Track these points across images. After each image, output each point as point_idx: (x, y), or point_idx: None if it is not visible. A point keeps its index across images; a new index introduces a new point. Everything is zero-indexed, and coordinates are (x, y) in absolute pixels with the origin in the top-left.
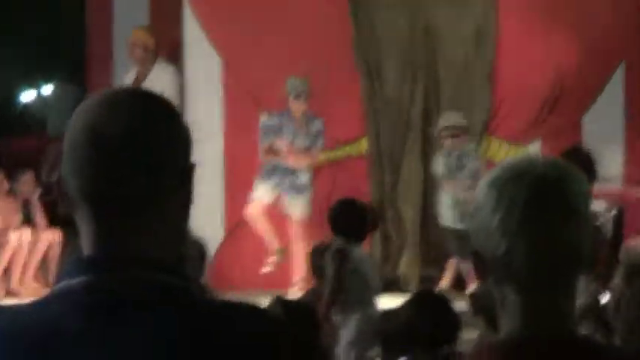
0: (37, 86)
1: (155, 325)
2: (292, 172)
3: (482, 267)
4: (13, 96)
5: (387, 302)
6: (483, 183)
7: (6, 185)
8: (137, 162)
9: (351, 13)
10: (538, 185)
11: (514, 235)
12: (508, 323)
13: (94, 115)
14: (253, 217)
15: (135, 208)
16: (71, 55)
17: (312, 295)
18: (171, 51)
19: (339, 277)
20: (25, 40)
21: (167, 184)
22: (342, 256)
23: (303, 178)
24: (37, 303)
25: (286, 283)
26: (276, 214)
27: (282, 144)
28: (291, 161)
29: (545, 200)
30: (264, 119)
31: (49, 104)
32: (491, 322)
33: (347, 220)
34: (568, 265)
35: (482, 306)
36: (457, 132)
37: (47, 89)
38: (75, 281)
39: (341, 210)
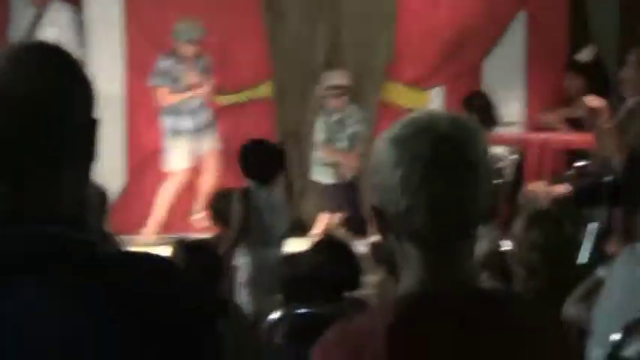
0: None
1: (51, 284)
2: (201, 104)
3: (382, 223)
4: None
5: (290, 246)
6: (383, 139)
7: None
8: (38, 119)
9: None
10: (439, 142)
11: (415, 192)
12: (409, 277)
13: None
14: (167, 190)
15: (35, 165)
16: None
17: (216, 241)
18: None
19: (244, 218)
20: None
21: (69, 140)
22: (246, 197)
23: (208, 114)
24: None
25: (188, 226)
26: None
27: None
28: (195, 92)
29: (446, 157)
30: (159, 61)
31: None
32: (393, 271)
33: (257, 160)
34: (468, 220)
35: (383, 255)
36: (340, 92)
37: None
38: None
39: (251, 150)
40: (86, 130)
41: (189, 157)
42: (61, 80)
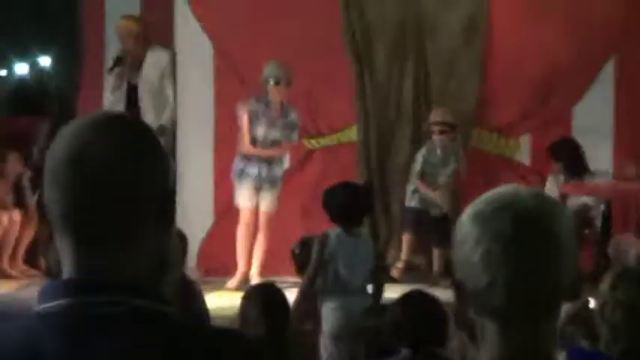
0: (31, 62)
1: (129, 348)
2: (270, 162)
3: (463, 297)
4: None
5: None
6: (466, 215)
7: None
8: (117, 189)
9: (342, 2)
10: (521, 220)
11: (496, 270)
12: (488, 352)
13: (76, 142)
14: (243, 227)
15: (114, 234)
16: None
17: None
18: (163, 35)
19: (318, 264)
20: (18, 16)
21: (146, 210)
22: (323, 242)
23: (279, 170)
24: (17, 325)
25: (276, 269)
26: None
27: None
28: (275, 151)
29: (529, 235)
30: (250, 101)
31: (43, 83)
32: (474, 338)
33: (342, 202)
34: (549, 299)
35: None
36: (445, 128)
37: (44, 61)
38: (54, 304)
39: (336, 192)
40: (161, 200)
41: (253, 198)
42: (139, 152)
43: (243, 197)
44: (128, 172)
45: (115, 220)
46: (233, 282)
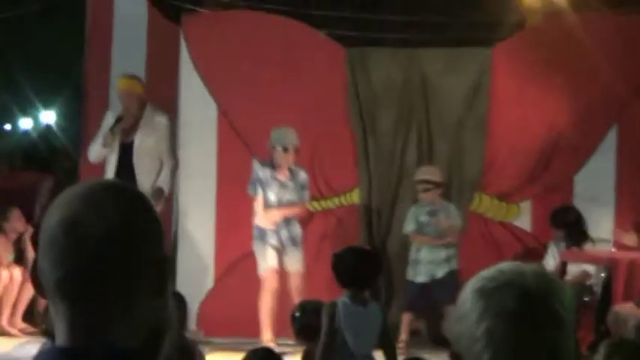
0: (35, 117)
1: None
2: (288, 222)
3: None
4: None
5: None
6: (470, 289)
7: None
8: (112, 257)
9: (348, 65)
10: (526, 298)
11: (499, 346)
12: None
13: (73, 209)
14: (269, 295)
15: (108, 302)
16: (69, 88)
17: (304, 357)
18: (167, 99)
19: (331, 334)
20: (23, 71)
21: (141, 278)
22: (334, 311)
23: (297, 229)
24: None
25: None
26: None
27: (275, 215)
28: (283, 215)
29: (532, 312)
30: (256, 168)
31: (47, 139)
32: None
33: (351, 267)
34: None
35: None
36: (428, 186)
37: (48, 117)
38: None
39: (345, 257)
40: (157, 266)
41: (277, 262)
42: (134, 221)
43: (267, 262)
44: (123, 241)
45: (110, 288)
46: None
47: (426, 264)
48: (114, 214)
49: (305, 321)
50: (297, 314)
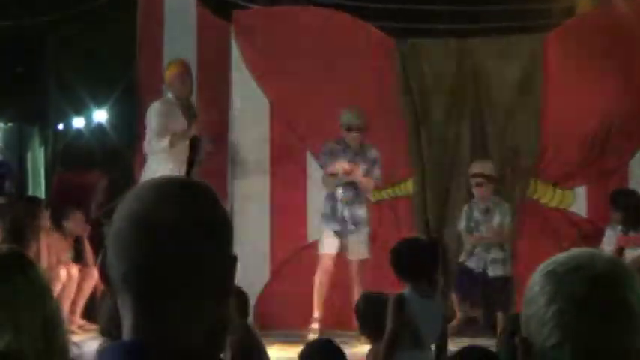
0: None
1: None
2: (350, 203)
3: (528, 354)
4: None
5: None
6: (538, 274)
7: (47, 223)
8: (181, 252)
9: (399, 56)
10: (596, 283)
11: (566, 330)
12: None
13: (142, 203)
14: (323, 274)
15: (175, 298)
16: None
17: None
18: (218, 94)
19: (397, 329)
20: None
21: (208, 276)
22: (401, 305)
23: (361, 211)
24: None
25: (335, 324)
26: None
27: (343, 163)
28: (356, 175)
29: (602, 299)
30: (327, 143)
31: (100, 138)
32: None
33: (411, 259)
34: None
35: None
36: (480, 180)
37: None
38: None
39: (404, 249)
40: (224, 265)
41: (337, 245)
42: (204, 218)
43: (328, 243)
44: (193, 237)
45: (177, 284)
46: (314, 332)
47: (481, 255)
48: (181, 209)
49: (369, 312)
50: (361, 305)
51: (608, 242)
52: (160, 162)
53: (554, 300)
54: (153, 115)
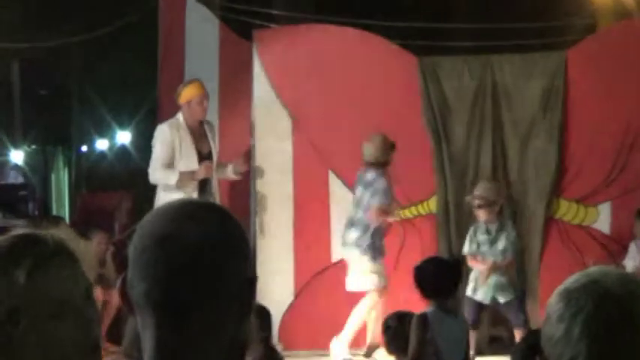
0: (111, 138)
1: None
2: (377, 234)
3: None
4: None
5: None
6: (556, 291)
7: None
8: (203, 272)
9: (420, 74)
10: (603, 298)
11: (576, 346)
12: None
13: (165, 222)
14: (375, 304)
15: (197, 318)
16: (144, 108)
17: None
18: (240, 114)
19: (420, 348)
20: (98, 93)
21: (229, 296)
22: (425, 324)
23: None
24: None
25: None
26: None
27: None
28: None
29: (610, 315)
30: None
31: (123, 159)
32: None
33: (434, 278)
34: None
35: None
36: (480, 202)
37: (124, 137)
38: None
39: (427, 269)
40: (245, 285)
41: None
42: (225, 239)
43: (381, 282)
44: (214, 257)
45: (199, 304)
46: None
47: (484, 287)
48: (204, 228)
49: (398, 331)
50: (391, 323)
51: (632, 257)
52: (167, 193)
53: (563, 318)
54: (159, 141)
